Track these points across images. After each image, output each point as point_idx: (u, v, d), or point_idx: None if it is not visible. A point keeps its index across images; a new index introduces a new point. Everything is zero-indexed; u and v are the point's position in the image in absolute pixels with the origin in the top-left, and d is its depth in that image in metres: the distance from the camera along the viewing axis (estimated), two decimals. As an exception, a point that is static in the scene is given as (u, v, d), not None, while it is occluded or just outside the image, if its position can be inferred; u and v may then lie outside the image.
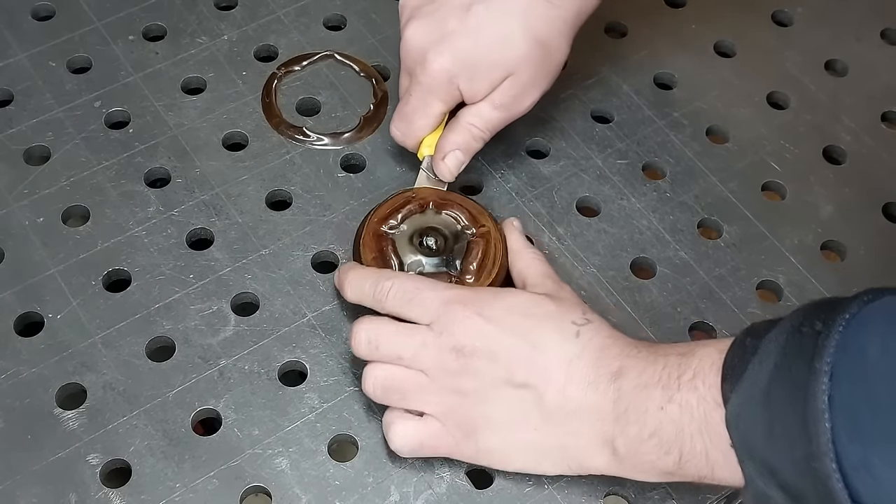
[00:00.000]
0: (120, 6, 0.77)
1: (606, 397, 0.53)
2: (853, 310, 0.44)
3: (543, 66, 0.64)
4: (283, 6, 0.78)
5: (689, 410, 0.50)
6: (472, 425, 0.56)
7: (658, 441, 0.51)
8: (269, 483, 0.57)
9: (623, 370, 0.53)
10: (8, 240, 0.65)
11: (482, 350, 0.55)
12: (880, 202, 0.71)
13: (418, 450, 0.57)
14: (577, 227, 0.69)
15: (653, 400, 0.51)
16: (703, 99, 0.76)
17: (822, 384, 0.42)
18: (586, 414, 0.54)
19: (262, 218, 0.67)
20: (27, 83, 0.72)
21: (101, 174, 0.68)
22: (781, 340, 0.46)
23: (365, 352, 0.58)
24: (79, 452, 0.57)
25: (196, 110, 0.72)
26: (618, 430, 0.53)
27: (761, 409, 0.46)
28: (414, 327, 0.57)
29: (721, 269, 0.67)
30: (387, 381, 0.57)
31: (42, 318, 0.62)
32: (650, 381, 0.52)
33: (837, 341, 0.43)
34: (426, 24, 0.64)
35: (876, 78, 0.78)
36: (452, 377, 0.55)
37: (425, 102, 0.64)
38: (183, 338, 0.62)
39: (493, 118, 0.65)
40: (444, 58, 0.63)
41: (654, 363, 0.53)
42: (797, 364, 0.44)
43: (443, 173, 0.66)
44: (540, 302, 0.57)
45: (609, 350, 0.55)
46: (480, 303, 0.56)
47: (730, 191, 0.71)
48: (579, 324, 0.56)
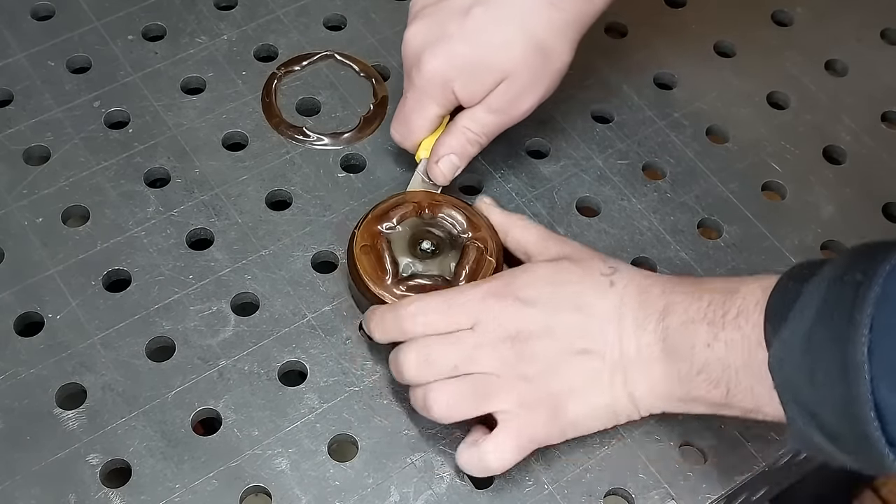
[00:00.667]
0: (119, 6, 0.77)
1: (655, 337, 0.55)
2: (893, 260, 0.45)
3: (542, 70, 0.63)
4: (283, 6, 0.78)
5: (734, 349, 0.51)
6: (556, 402, 0.56)
7: (707, 376, 0.52)
8: (269, 483, 0.57)
9: (669, 307, 0.55)
10: (7, 240, 0.65)
11: (535, 332, 0.56)
12: (880, 202, 0.71)
13: (521, 452, 0.56)
14: (577, 228, 0.68)
15: (699, 336, 0.53)
16: (703, 99, 0.76)
17: (862, 335, 0.43)
18: (642, 358, 0.55)
19: (262, 218, 0.67)
20: (26, 83, 0.72)
21: (101, 174, 0.68)
22: (823, 288, 0.47)
23: (417, 373, 0.56)
24: (78, 453, 0.57)
25: (195, 110, 0.72)
26: (670, 368, 0.54)
27: (803, 355, 0.47)
28: (460, 333, 0.56)
29: (721, 270, 0.67)
30: (460, 396, 0.56)
31: (42, 318, 0.62)
32: (696, 316, 0.53)
33: (877, 293, 0.44)
34: (426, 26, 0.64)
35: (876, 78, 0.78)
36: (516, 366, 0.56)
37: (421, 105, 0.64)
38: (182, 338, 0.62)
39: (489, 122, 0.64)
40: (439, 61, 0.62)
41: (700, 299, 0.54)
42: (838, 313, 0.45)
43: (436, 177, 0.65)
44: (562, 267, 0.58)
45: (650, 290, 0.56)
46: (511, 288, 0.57)
47: (730, 191, 0.71)
48: (608, 274, 0.57)
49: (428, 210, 0.64)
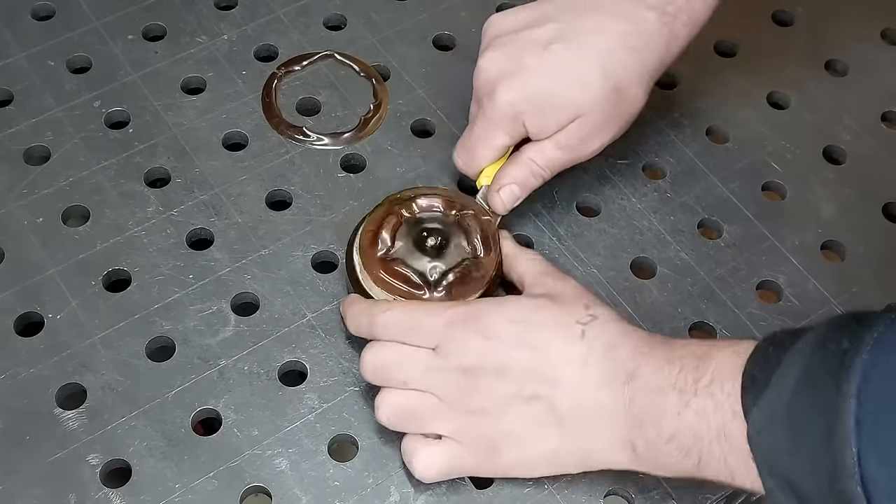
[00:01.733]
0: (119, 6, 0.77)
1: (620, 399, 0.53)
2: (880, 328, 0.44)
3: (615, 112, 0.63)
4: (283, 6, 0.78)
5: (706, 418, 0.49)
6: (492, 443, 0.55)
7: (677, 444, 0.51)
8: (269, 483, 0.57)
9: (637, 371, 0.53)
10: (7, 240, 0.65)
11: (488, 368, 0.55)
12: (880, 202, 0.71)
13: (444, 474, 0.56)
14: (577, 228, 0.68)
15: (669, 404, 0.51)
16: (703, 99, 0.76)
17: (850, 406, 0.42)
18: (602, 417, 0.53)
19: (262, 218, 0.67)
20: (26, 83, 0.72)
21: (101, 174, 0.68)
22: (806, 355, 0.46)
23: (372, 377, 0.57)
24: (78, 453, 0.57)
25: (195, 110, 0.72)
26: (635, 433, 0.52)
27: (784, 426, 0.45)
28: (419, 350, 0.56)
29: (721, 270, 0.67)
30: (400, 408, 0.56)
31: (42, 318, 0.62)
32: (665, 383, 0.51)
33: (865, 361, 0.43)
34: (502, 56, 0.63)
35: (876, 78, 0.78)
36: (464, 398, 0.55)
37: (488, 134, 0.64)
38: (182, 338, 0.62)
39: (556, 158, 0.63)
40: (513, 93, 0.62)
41: (670, 364, 0.52)
42: (823, 382, 0.44)
43: (496, 206, 0.65)
44: (540, 305, 0.57)
45: (619, 348, 0.54)
46: (479, 319, 0.56)
47: (730, 191, 0.71)
48: (584, 322, 0.55)
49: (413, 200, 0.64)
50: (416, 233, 0.63)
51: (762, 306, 0.66)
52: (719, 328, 0.64)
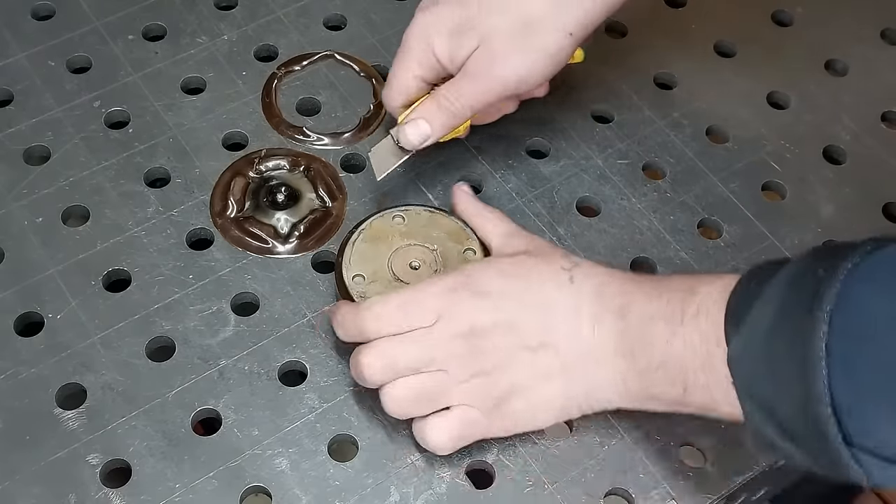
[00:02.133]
0: (119, 6, 0.77)
1: (613, 332, 0.55)
2: (855, 259, 0.45)
3: (524, 40, 0.62)
4: (283, 6, 0.78)
5: (692, 347, 0.51)
6: (503, 399, 0.56)
7: (664, 373, 0.52)
8: (269, 483, 0.57)
9: (627, 305, 0.55)
10: (7, 240, 0.65)
11: (489, 326, 0.56)
12: (880, 202, 0.71)
13: (458, 441, 0.57)
14: (577, 228, 0.68)
15: (658, 334, 0.53)
16: (703, 99, 0.76)
17: (821, 331, 0.43)
18: (599, 354, 0.55)
19: (262, 218, 0.67)
20: (27, 83, 0.72)
21: (101, 174, 0.68)
22: (785, 285, 0.47)
23: (382, 377, 0.56)
24: (78, 452, 0.57)
25: (196, 110, 0.72)
26: (627, 365, 0.54)
27: (762, 352, 0.47)
28: (417, 332, 0.56)
29: (721, 269, 0.67)
30: (412, 394, 0.56)
31: (42, 318, 0.62)
32: (655, 314, 0.53)
33: (838, 290, 0.44)
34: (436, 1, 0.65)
35: (876, 78, 0.78)
36: (471, 360, 0.56)
37: (402, 62, 0.65)
38: (182, 338, 0.62)
39: (462, 87, 0.63)
40: (425, 17, 0.64)
41: (658, 297, 0.54)
42: (798, 310, 0.45)
43: (402, 140, 0.64)
44: (520, 261, 0.58)
45: (609, 286, 0.56)
46: (469, 282, 0.57)
47: (730, 191, 0.71)
48: (567, 269, 0.57)
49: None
50: (264, 191, 0.66)
51: (762, 306, 0.66)
52: (719, 328, 0.64)
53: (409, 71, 0.64)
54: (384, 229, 0.64)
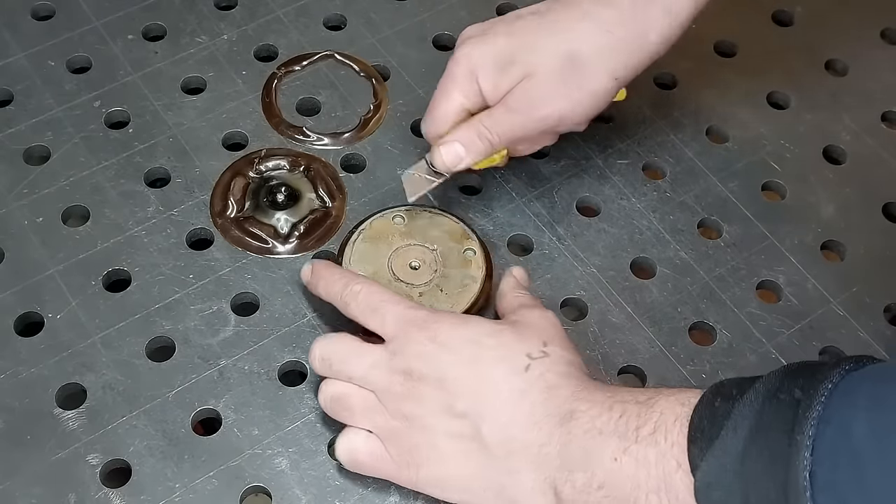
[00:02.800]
0: (119, 6, 0.77)
1: (553, 440, 0.51)
2: (835, 379, 0.43)
3: (569, 80, 0.62)
4: (283, 6, 0.78)
5: (646, 466, 0.47)
6: (413, 454, 0.55)
7: (607, 493, 0.49)
8: (269, 483, 0.57)
9: (574, 413, 0.51)
10: (8, 240, 0.65)
11: (429, 376, 0.54)
12: (880, 202, 0.71)
13: (360, 466, 0.56)
14: (577, 227, 0.68)
15: (606, 449, 0.49)
16: (703, 99, 0.76)
17: (804, 459, 0.41)
18: (530, 455, 0.52)
19: (262, 218, 0.67)
20: (27, 83, 0.72)
21: (101, 174, 0.68)
22: (757, 406, 0.45)
23: (319, 368, 0.57)
24: (79, 452, 0.57)
25: (196, 110, 0.72)
26: (563, 477, 0.50)
27: (735, 479, 0.44)
28: (367, 347, 0.56)
29: (721, 269, 0.67)
30: (336, 397, 0.57)
31: (42, 318, 0.62)
32: (605, 428, 0.50)
33: (819, 413, 0.42)
34: (481, 24, 0.64)
35: (876, 78, 0.78)
36: (399, 400, 0.55)
37: (445, 91, 0.63)
38: (183, 338, 0.62)
39: (504, 120, 0.63)
40: (471, 48, 0.62)
41: (610, 409, 0.50)
42: (776, 434, 0.43)
43: (436, 162, 0.63)
44: (498, 331, 0.55)
45: (559, 390, 0.52)
46: (437, 327, 0.55)
47: (730, 191, 0.71)
48: (534, 357, 0.54)
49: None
50: (264, 191, 0.66)
51: (762, 306, 0.66)
52: (719, 328, 0.64)
53: (453, 101, 0.63)
54: (384, 229, 0.64)
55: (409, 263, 0.63)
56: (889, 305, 0.66)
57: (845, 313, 0.66)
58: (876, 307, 0.66)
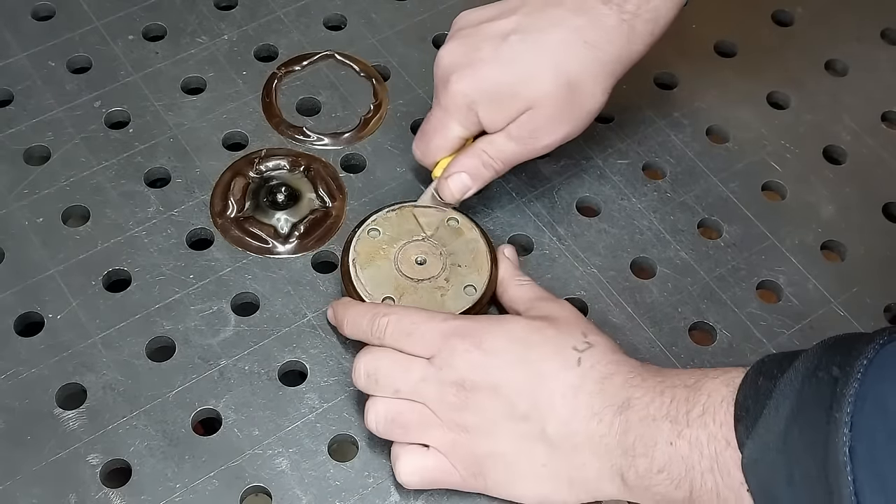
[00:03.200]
0: (120, 6, 0.77)
1: (612, 429, 0.52)
2: (870, 354, 0.44)
3: (569, 107, 0.62)
4: (283, 6, 0.78)
5: (699, 448, 0.49)
6: (479, 462, 0.55)
7: (668, 475, 0.50)
8: (270, 483, 0.57)
9: (629, 402, 0.52)
10: (8, 240, 0.65)
11: (482, 384, 0.54)
12: (880, 202, 0.71)
13: (426, 484, 0.56)
14: (577, 228, 0.69)
15: (661, 434, 0.50)
16: (703, 99, 0.76)
17: (843, 435, 0.42)
18: (593, 447, 0.53)
19: (263, 218, 0.67)
20: (27, 83, 0.72)
21: (101, 174, 0.68)
22: (797, 384, 0.46)
23: (364, 385, 0.57)
24: (79, 452, 0.57)
25: (196, 110, 0.72)
26: (627, 463, 0.52)
27: (779, 456, 0.45)
28: (413, 360, 0.56)
29: (721, 269, 0.67)
30: (389, 416, 0.56)
31: (42, 318, 0.62)
32: (658, 413, 0.51)
33: (856, 390, 0.43)
34: (461, 46, 0.63)
35: (876, 78, 0.78)
36: (454, 412, 0.55)
37: (443, 124, 0.64)
38: (183, 338, 0.62)
39: (507, 150, 0.63)
40: (466, 83, 0.62)
41: (662, 395, 0.52)
42: (815, 411, 0.44)
43: (444, 193, 0.65)
44: (539, 328, 0.56)
45: (613, 379, 0.54)
46: (479, 334, 0.55)
47: (730, 191, 0.71)
48: (580, 349, 0.55)
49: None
50: (264, 191, 0.66)
51: (762, 306, 0.66)
52: (719, 328, 0.64)
53: (451, 131, 0.63)
54: (388, 225, 0.64)
55: (415, 259, 0.63)
56: (889, 305, 0.66)
57: (846, 313, 0.66)
58: (876, 307, 0.66)
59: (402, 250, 0.63)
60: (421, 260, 0.63)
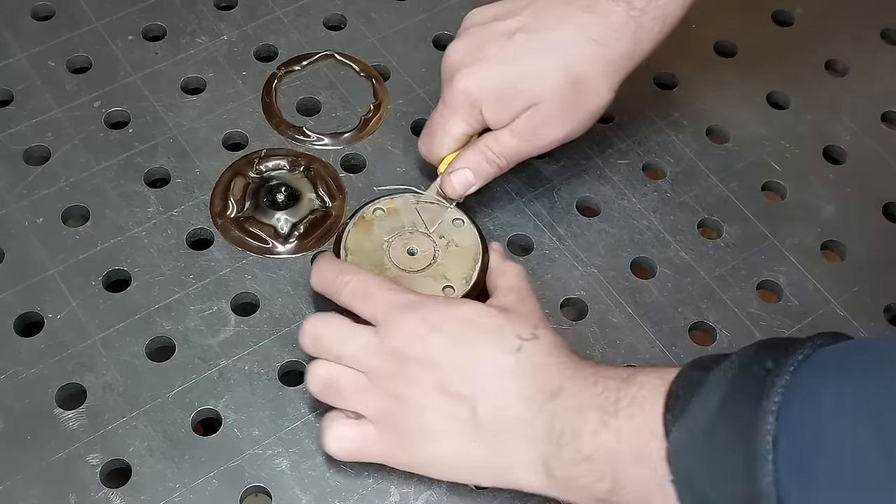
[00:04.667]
0: (119, 6, 0.77)
1: (541, 416, 0.52)
2: (805, 352, 0.44)
3: (573, 104, 0.62)
4: (283, 6, 0.78)
5: (624, 438, 0.48)
6: (407, 434, 0.55)
7: (592, 466, 0.50)
8: (269, 483, 0.57)
9: (561, 390, 0.52)
10: (8, 240, 0.65)
11: (420, 357, 0.54)
12: (880, 202, 0.71)
13: (354, 455, 0.56)
14: (577, 228, 0.69)
15: (588, 423, 0.50)
16: (703, 99, 0.76)
17: (768, 424, 0.42)
18: (520, 431, 0.52)
19: (262, 218, 0.67)
20: (27, 83, 0.72)
21: (101, 174, 0.68)
22: (729, 376, 0.45)
23: (309, 347, 0.57)
24: (79, 453, 0.57)
25: (196, 110, 0.72)
26: (552, 451, 0.51)
27: (704, 445, 0.45)
28: (357, 327, 0.56)
29: (721, 270, 0.67)
30: (326, 380, 0.56)
31: (42, 318, 0.62)
32: (587, 403, 0.50)
33: (787, 382, 0.43)
34: (467, 44, 0.63)
35: (876, 78, 0.78)
36: (390, 381, 0.55)
37: (447, 121, 0.64)
38: (183, 338, 0.62)
39: (511, 146, 0.63)
40: (470, 80, 0.62)
41: (594, 385, 0.51)
42: (743, 402, 0.43)
43: (448, 190, 0.65)
44: (489, 313, 0.56)
45: (548, 368, 0.53)
46: (427, 309, 0.55)
47: (730, 191, 0.71)
48: (524, 338, 0.54)
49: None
50: (264, 191, 0.66)
51: (762, 306, 0.66)
52: (719, 328, 0.64)
53: (455, 128, 0.64)
54: (378, 218, 0.64)
55: (406, 249, 0.63)
56: (889, 305, 0.66)
57: (846, 313, 0.66)
58: (876, 307, 0.66)
59: (395, 241, 0.63)
60: (413, 251, 0.63)
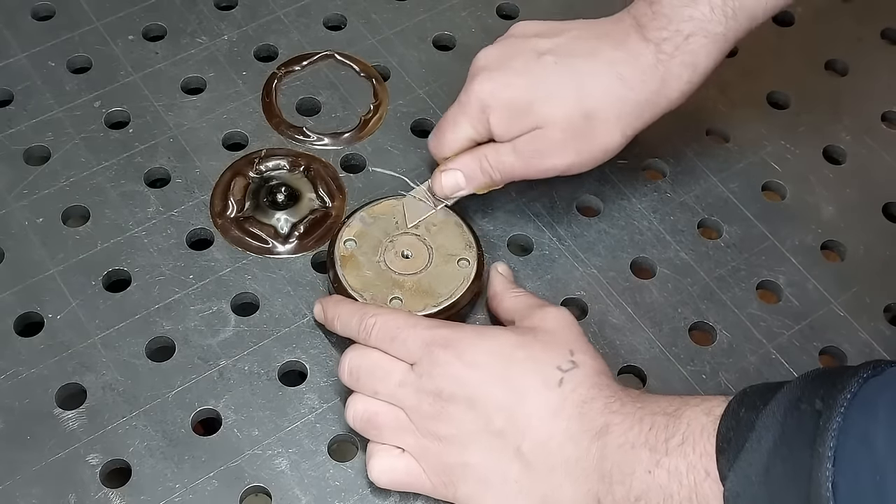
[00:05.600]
0: (120, 6, 0.77)
1: (590, 454, 0.52)
2: (853, 388, 0.43)
3: (581, 136, 0.62)
4: (283, 6, 0.78)
5: (677, 477, 0.49)
6: (450, 473, 0.55)
7: (645, 503, 0.50)
8: (269, 484, 0.57)
9: (608, 427, 0.52)
10: (8, 240, 0.65)
11: (460, 397, 0.54)
12: (880, 202, 0.71)
13: (396, 485, 0.56)
14: (577, 228, 0.68)
15: (640, 462, 0.50)
16: (704, 99, 0.76)
17: (826, 470, 0.42)
18: (569, 469, 0.52)
19: (262, 218, 0.67)
20: (27, 83, 0.72)
21: (101, 174, 0.68)
22: (780, 416, 0.46)
23: (347, 381, 0.57)
24: (78, 452, 0.57)
25: (196, 110, 0.72)
26: (604, 489, 0.51)
27: (761, 489, 0.45)
28: (396, 363, 0.56)
29: (721, 270, 0.67)
30: (366, 415, 0.56)
31: (42, 318, 0.62)
32: (636, 441, 0.50)
33: (840, 424, 0.42)
34: (499, 52, 0.64)
35: (876, 78, 0.78)
36: (430, 421, 0.54)
37: (456, 120, 0.64)
38: (183, 338, 0.62)
39: (508, 161, 0.63)
40: (487, 85, 0.62)
41: (641, 421, 0.51)
42: (798, 445, 0.44)
43: (435, 186, 0.65)
44: (524, 343, 0.55)
45: (593, 403, 0.53)
46: (461, 346, 0.55)
47: (730, 191, 0.71)
48: (564, 369, 0.54)
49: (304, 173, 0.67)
50: (264, 191, 0.66)
51: (762, 306, 0.66)
52: (719, 328, 0.64)
53: (463, 130, 0.63)
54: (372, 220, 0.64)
55: (400, 252, 0.63)
56: (889, 305, 0.66)
57: (846, 313, 0.66)
58: (876, 307, 0.66)
59: (388, 246, 0.63)
60: (407, 254, 0.63)
